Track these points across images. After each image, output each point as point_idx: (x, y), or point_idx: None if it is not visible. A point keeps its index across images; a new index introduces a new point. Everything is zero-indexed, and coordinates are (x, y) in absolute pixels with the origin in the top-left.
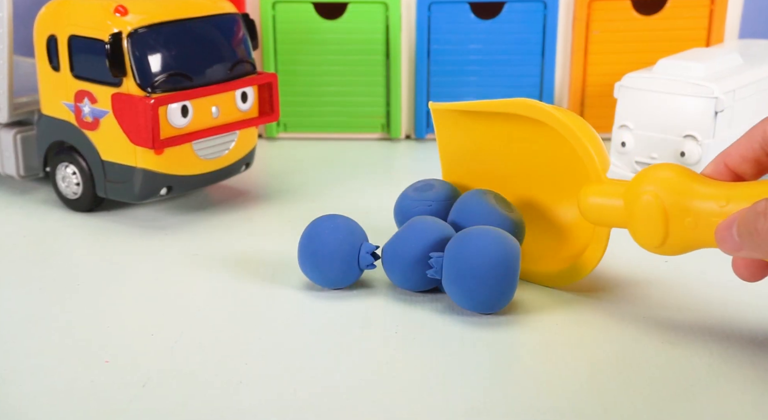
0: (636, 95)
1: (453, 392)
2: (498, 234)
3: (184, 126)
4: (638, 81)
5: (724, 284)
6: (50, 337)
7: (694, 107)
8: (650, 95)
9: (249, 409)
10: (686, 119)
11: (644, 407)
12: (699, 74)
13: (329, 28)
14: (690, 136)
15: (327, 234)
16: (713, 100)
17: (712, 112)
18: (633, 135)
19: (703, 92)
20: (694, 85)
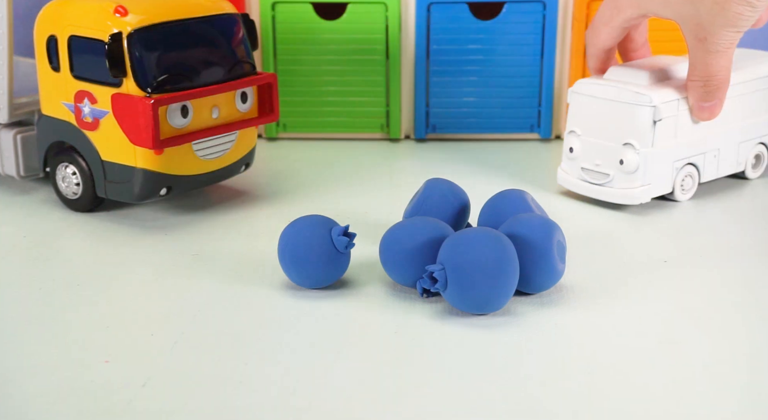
0: (584, 101)
1: (452, 392)
2: (493, 234)
3: (184, 126)
4: (587, 87)
5: (724, 284)
6: (50, 337)
7: (632, 115)
8: (596, 102)
9: (249, 409)
10: (626, 127)
11: (644, 407)
12: (643, 82)
13: (329, 28)
14: (628, 144)
15: (296, 237)
16: (651, 108)
17: (650, 121)
18: (580, 141)
19: (642, 100)
20: (634, 93)
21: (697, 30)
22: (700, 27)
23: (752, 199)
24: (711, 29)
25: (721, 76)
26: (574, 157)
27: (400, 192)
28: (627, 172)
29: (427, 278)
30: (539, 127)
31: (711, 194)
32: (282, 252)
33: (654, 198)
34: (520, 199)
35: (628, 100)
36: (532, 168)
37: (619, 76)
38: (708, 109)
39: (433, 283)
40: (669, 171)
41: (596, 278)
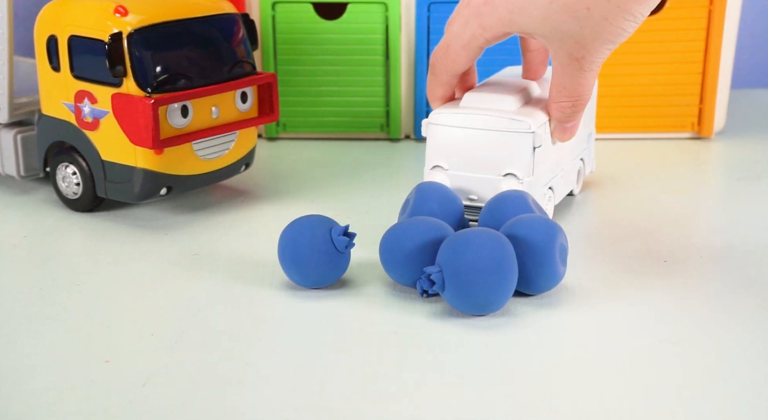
0: (447, 133)
1: (452, 392)
2: (492, 235)
3: (184, 126)
4: (449, 117)
5: (724, 284)
6: (50, 337)
7: (512, 144)
8: (464, 133)
9: (249, 409)
10: (504, 157)
11: (644, 407)
12: (510, 107)
13: (329, 28)
14: (510, 174)
15: (296, 236)
16: (531, 135)
17: (530, 148)
18: (448, 176)
19: (521, 127)
20: (510, 120)
21: (575, 48)
22: (580, 45)
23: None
24: (592, 47)
25: (588, 95)
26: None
27: (400, 192)
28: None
29: (425, 279)
30: None
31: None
32: (282, 252)
33: None
34: (521, 200)
35: (505, 127)
36: None
37: (480, 102)
38: (570, 129)
39: (431, 285)
40: (541, 198)
41: (596, 278)
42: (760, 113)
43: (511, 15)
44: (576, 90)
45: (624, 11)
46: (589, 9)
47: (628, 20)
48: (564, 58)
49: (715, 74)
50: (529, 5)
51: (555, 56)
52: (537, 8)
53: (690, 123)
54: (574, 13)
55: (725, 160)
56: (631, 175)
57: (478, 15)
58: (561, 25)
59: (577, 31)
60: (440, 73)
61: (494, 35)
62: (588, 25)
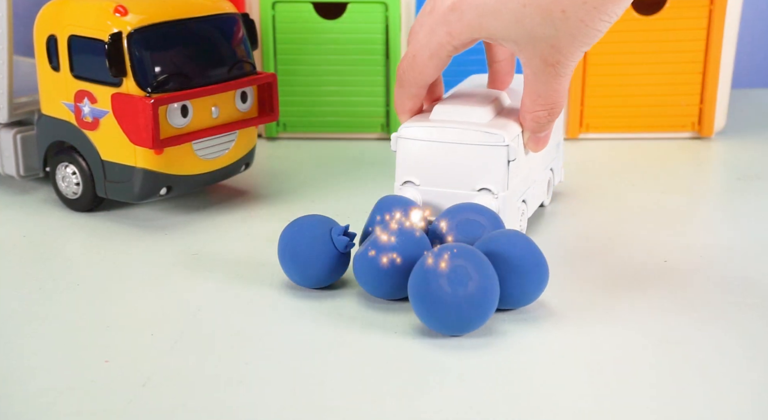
0: (418, 147)
1: (451, 392)
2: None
3: (184, 126)
4: (420, 131)
5: (724, 284)
6: (50, 337)
7: (486, 158)
8: (435, 146)
9: (249, 409)
10: (478, 171)
11: (644, 407)
12: (482, 119)
13: (329, 28)
14: (485, 189)
15: (296, 237)
16: (505, 148)
17: (505, 162)
18: (420, 192)
19: (495, 140)
20: (484, 133)
21: (549, 53)
22: (555, 49)
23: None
24: (567, 51)
25: (563, 102)
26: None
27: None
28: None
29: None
30: None
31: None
32: (282, 252)
33: None
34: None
35: (479, 141)
36: None
37: (451, 114)
38: (543, 139)
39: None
40: (516, 213)
41: (596, 278)
42: (760, 113)
43: (480, 20)
44: (551, 97)
45: (600, 12)
46: (564, 12)
47: (604, 21)
48: (537, 64)
49: (715, 74)
50: (501, 9)
51: (528, 63)
52: (509, 12)
53: (690, 123)
54: (549, 16)
55: (725, 159)
56: (631, 175)
57: (444, 22)
58: (535, 28)
59: (552, 34)
60: (408, 84)
61: (462, 42)
62: (564, 28)
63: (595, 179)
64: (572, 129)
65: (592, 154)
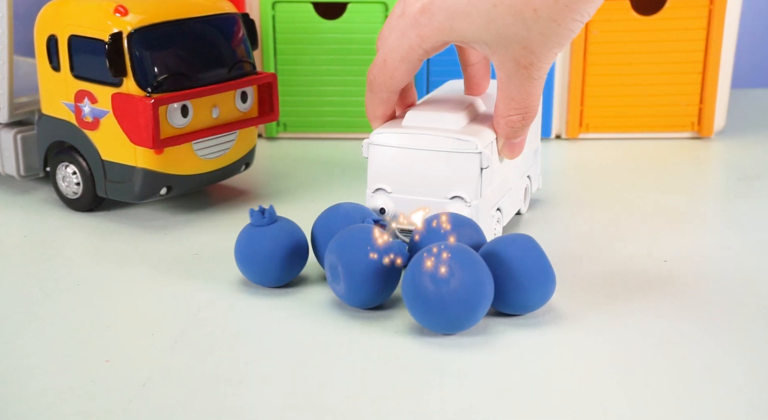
0: (390, 154)
1: (450, 392)
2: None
3: (184, 126)
4: (391, 137)
5: (724, 284)
6: (50, 337)
7: (458, 165)
8: (407, 153)
9: (249, 409)
10: (451, 179)
11: (644, 407)
12: (455, 126)
13: (329, 28)
14: (457, 197)
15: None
16: (478, 155)
17: (477, 170)
18: (392, 200)
19: (467, 147)
20: (456, 140)
21: (522, 55)
22: (528, 50)
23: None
24: (540, 52)
25: (537, 106)
26: (385, 217)
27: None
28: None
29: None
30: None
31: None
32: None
33: None
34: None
35: (451, 148)
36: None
37: (424, 121)
38: (518, 145)
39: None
40: (489, 221)
41: (595, 277)
42: (760, 113)
43: (450, 22)
44: (525, 101)
45: (572, 11)
46: (536, 11)
47: (576, 20)
48: (510, 66)
49: (715, 74)
50: (471, 10)
51: (500, 66)
52: (479, 13)
53: (690, 123)
54: (521, 16)
55: (725, 159)
56: (631, 175)
57: (415, 25)
58: (506, 29)
59: (524, 35)
60: (378, 89)
61: (433, 45)
62: (536, 28)
63: (595, 179)
64: (572, 129)
65: (592, 154)
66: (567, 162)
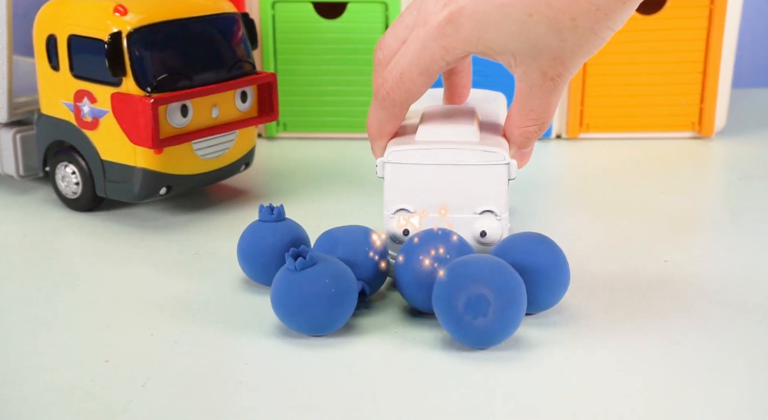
0: (410, 172)
1: (450, 392)
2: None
3: (184, 126)
4: (410, 154)
5: (724, 284)
6: (50, 337)
7: (487, 178)
8: (430, 170)
9: (249, 409)
10: (479, 193)
11: (644, 407)
12: (474, 138)
13: (329, 27)
14: (488, 211)
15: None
16: (506, 166)
17: (506, 182)
18: (416, 219)
19: (495, 159)
20: (482, 153)
21: (550, 66)
22: (558, 61)
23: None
24: (570, 62)
25: (552, 116)
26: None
27: None
28: (489, 244)
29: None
30: None
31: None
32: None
33: None
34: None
35: (477, 161)
36: (535, 168)
37: (440, 135)
38: (528, 154)
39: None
40: (506, 234)
41: (595, 277)
42: (760, 113)
43: (480, 32)
44: (545, 112)
45: (609, 19)
46: (574, 20)
47: (611, 29)
48: (536, 77)
49: (715, 73)
50: (504, 20)
51: (524, 77)
52: (513, 22)
53: (690, 122)
54: (557, 26)
55: (726, 159)
56: (631, 175)
57: (440, 35)
58: (539, 39)
59: (557, 45)
60: (392, 105)
61: (455, 57)
62: (571, 38)
63: (596, 179)
64: (572, 129)
65: (592, 154)
66: (567, 162)
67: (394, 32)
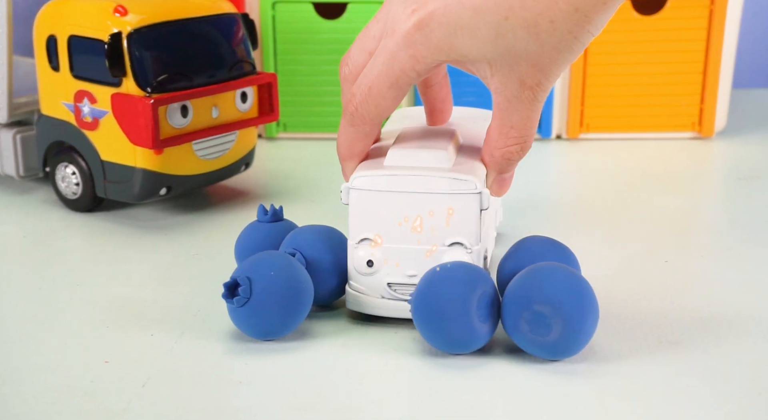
0: (376, 199)
1: (450, 391)
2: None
3: (184, 126)
4: (376, 181)
5: (724, 284)
6: (50, 337)
7: (457, 208)
8: (395, 198)
9: (249, 409)
10: (448, 223)
11: (644, 407)
12: (445, 163)
13: (329, 28)
14: (456, 243)
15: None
16: (477, 196)
17: (477, 212)
18: (381, 250)
19: (466, 187)
20: (452, 180)
21: (529, 74)
22: (537, 69)
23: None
24: (549, 70)
25: (534, 135)
26: (373, 271)
27: None
28: None
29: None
30: (540, 127)
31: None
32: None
33: None
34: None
35: (447, 189)
36: (535, 168)
37: (410, 160)
38: (508, 180)
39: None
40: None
41: (595, 277)
42: (761, 113)
43: (452, 38)
44: (525, 128)
45: (590, 21)
46: (553, 22)
47: (590, 33)
48: (514, 88)
49: (716, 73)
50: (478, 24)
51: (501, 88)
52: (488, 26)
53: (691, 123)
54: (535, 29)
55: (726, 159)
56: (631, 175)
57: (408, 44)
58: (516, 44)
59: (535, 50)
60: (361, 122)
61: (426, 67)
62: (550, 42)
63: (596, 179)
64: (572, 129)
65: (592, 154)
66: (567, 162)
67: (360, 45)
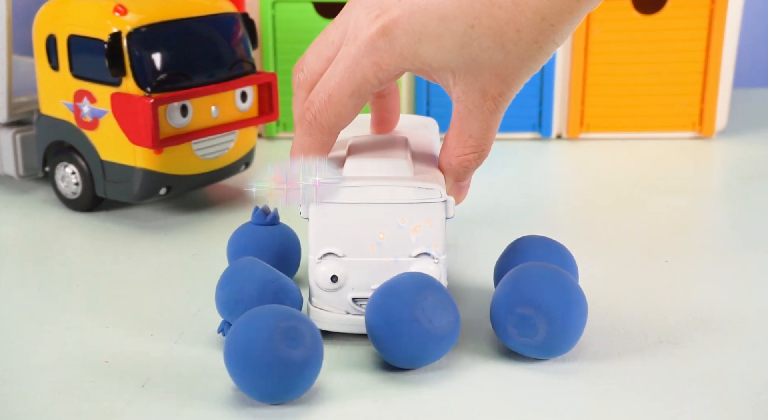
0: (338, 212)
1: (450, 391)
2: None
3: (184, 126)
4: (338, 192)
5: (725, 284)
6: (50, 337)
7: (423, 217)
8: (359, 210)
9: (249, 409)
10: (415, 234)
11: (644, 407)
12: (407, 173)
13: None
14: (424, 254)
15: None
16: (443, 204)
17: (443, 220)
18: (344, 265)
19: (431, 196)
20: (417, 190)
21: (492, 84)
22: (500, 78)
23: None
24: (512, 80)
25: (492, 144)
26: (338, 286)
27: None
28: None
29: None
30: (540, 127)
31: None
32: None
33: None
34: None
35: (412, 198)
36: (535, 168)
37: (369, 170)
38: (466, 188)
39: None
40: (444, 274)
41: (595, 277)
42: (761, 113)
43: (416, 46)
44: (483, 137)
45: (555, 31)
46: (519, 31)
47: (555, 43)
48: (476, 98)
49: (716, 73)
50: (443, 32)
51: (463, 97)
52: (453, 35)
53: (691, 122)
54: (501, 38)
55: (726, 159)
56: (631, 174)
57: (371, 51)
58: (481, 54)
59: (500, 60)
60: (319, 131)
61: (389, 75)
62: (515, 52)
63: (596, 179)
64: (572, 129)
65: (592, 153)
66: (568, 162)
67: (317, 51)
